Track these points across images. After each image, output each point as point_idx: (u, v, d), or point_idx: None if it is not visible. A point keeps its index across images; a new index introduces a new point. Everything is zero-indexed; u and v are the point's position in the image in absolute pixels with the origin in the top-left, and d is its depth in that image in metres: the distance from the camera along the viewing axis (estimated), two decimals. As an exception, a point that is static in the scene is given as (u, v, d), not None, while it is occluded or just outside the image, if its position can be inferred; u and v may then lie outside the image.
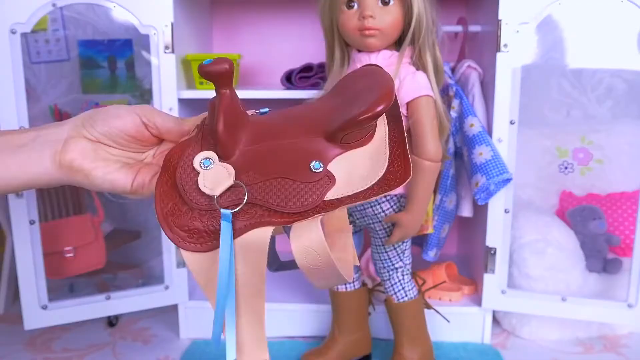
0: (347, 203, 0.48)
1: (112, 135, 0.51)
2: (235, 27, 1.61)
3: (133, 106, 0.53)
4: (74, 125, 0.51)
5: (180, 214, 0.48)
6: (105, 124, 0.51)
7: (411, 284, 1.15)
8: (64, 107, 1.51)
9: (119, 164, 0.52)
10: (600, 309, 1.23)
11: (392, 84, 0.50)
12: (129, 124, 0.52)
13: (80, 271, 1.33)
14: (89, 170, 0.50)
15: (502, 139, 1.19)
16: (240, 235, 0.47)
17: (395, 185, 0.50)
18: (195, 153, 0.49)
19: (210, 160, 0.48)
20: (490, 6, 1.21)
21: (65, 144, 0.50)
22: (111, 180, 0.51)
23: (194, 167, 0.48)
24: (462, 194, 1.35)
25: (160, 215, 0.48)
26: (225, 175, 0.48)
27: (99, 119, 0.51)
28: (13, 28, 1.09)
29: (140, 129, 0.52)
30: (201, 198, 0.48)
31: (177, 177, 0.49)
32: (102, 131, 0.51)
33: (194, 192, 0.48)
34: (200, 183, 0.47)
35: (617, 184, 1.39)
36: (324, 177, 0.48)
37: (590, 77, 1.43)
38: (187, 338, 1.36)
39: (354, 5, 0.99)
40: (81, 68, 1.53)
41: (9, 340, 1.35)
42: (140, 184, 0.51)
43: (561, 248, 1.28)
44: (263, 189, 0.48)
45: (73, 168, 0.50)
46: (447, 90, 1.28)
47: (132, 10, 1.15)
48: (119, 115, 0.52)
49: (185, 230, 0.48)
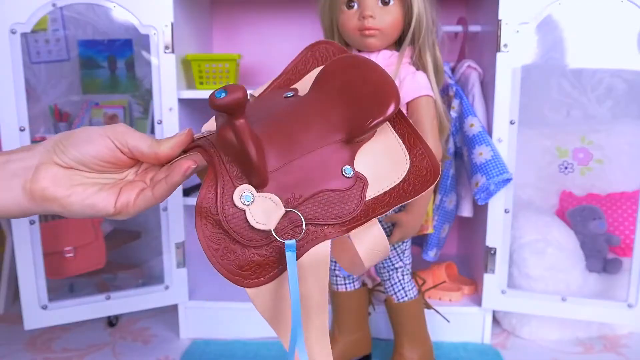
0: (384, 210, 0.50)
1: (85, 161, 0.48)
2: (235, 27, 1.61)
3: (105, 128, 0.49)
4: (45, 150, 0.48)
5: (235, 256, 0.47)
6: (77, 150, 0.48)
7: (411, 284, 1.15)
8: (64, 107, 1.52)
9: (96, 187, 0.48)
10: (600, 309, 1.23)
11: (391, 79, 0.51)
12: (103, 149, 0.48)
13: (80, 271, 1.33)
14: (64, 198, 0.47)
15: (502, 139, 1.19)
16: (301, 256, 0.47)
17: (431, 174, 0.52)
18: (229, 190, 0.46)
19: (249, 194, 0.46)
20: (490, 6, 1.21)
21: (36, 172, 0.47)
22: (90, 205, 0.48)
23: (237, 205, 0.46)
24: (462, 194, 1.35)
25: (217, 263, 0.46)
26: (272, 206, 0.47)
27: (70, 145, 0.48)
28: (13, 28, 1.09)
29: (115, 153, 0.49)
30: (255, 235, 0.46)
31: (222, 220, 0.46)
32: (74, 157, 0.48)
33: (246, 230, 0.46)
34: (251, 220, 0.46)
35: (617, 184, 1.39)
36: (356, 180, 0.50)
37: (590, 77, 1.43)
38: (187, 338, 1.36)
39: (354, 5, 0.99)
40: (81, 68, 1.53)
41: (9, 340, 1.35)
42: (124, 203, 0.49)
43: (561, 248, 1.28)
44: (309, 207, 0.48)
45: (46, 197, 0.47)
46: (447, 90, 1.28)
47: (132, 10, 1.15)
48: (91, 139, 0.48)
49: (245, 269, 0.47)
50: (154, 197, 0.50)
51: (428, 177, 0.52)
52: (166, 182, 0.49)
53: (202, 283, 1.41)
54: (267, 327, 1.33)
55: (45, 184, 0.47)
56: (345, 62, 0.53)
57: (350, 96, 0.51)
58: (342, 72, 0.53)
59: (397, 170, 0.51)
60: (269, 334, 1.34)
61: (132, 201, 0.49)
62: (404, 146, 0.53)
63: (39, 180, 0.47)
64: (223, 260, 0.46)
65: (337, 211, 0.48)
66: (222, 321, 1.34)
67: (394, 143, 0.53)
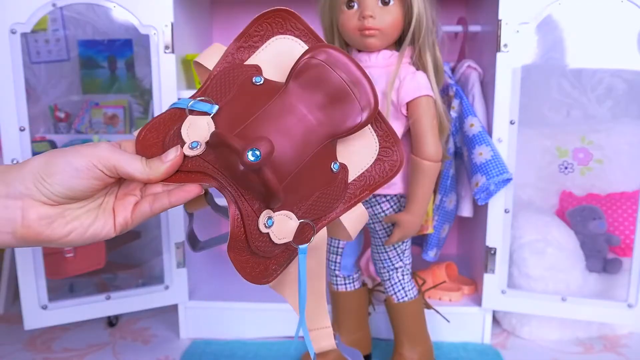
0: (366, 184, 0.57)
1: (74, 195, 0.46)
2: (235, 27, 1.61)
3: (89, 153, 0.45)
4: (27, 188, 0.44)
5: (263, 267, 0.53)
6: (64, 187, 0.45)
7: (411, 284, 1.15)
8: (64, 107, 1.52)
9: (91, 216, 0.47)
10: (600, 309, 1.23)
11: (370, 79, 0.54)
12: (92, 182, 0.46)
13: (80, 271, 1.33)
14: (64, 236, 0.46)
15: (502, 139, 1.19)
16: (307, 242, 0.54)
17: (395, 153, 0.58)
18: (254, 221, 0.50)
19: (271, 219, 0.51)
20: (490, 6, 1.21)
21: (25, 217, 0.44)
22: (92, 235, 0.47)
23: (261, 231, 0.51)
24: (462, 194, 1.35)
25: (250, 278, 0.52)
26: (289, 221, 0.52)
27: (56, 182, 0.44)
28: (13, 28, 1.09)
29: (104, 180, 0.47)
30: (277, 248, 0.53)
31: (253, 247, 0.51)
32: (62, 194, 0.45)
33: (270, 247, 0.52)
34: (275, 239, 0.52)
35: (617, 184, 1.39)
36: (342, 170, 0.55)
37: (590, 77, 1.43)
38: (187, 338, 1.36)
39: (354, 5, 0.99)
40: (81, 68, 1.53)
41: (9, 340, 1.35)
42: (122, 224, 0.48)
43: (561, 248, 1.28)
44: (312, 208, 0.54)
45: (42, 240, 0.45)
46: (447, 90, 1.28)
47: (132, 10, 1.15)
48: (78, 173, 0.45)
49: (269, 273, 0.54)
50: (152, 212, 0.50)
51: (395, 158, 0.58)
52: (169, 201, 0.50)
53: (202, 283, 1.41)
54: (267, 327, 1.33)
55: (39, 229, 0.44)
56: (326, 59, 0.53)
57: (334, 99, 0.53)
58: (324, 71, 0.53)
59: (369, 152, 0.57)
60: (269, 334, 1.34)
61: (129, 218, 0.49)
62: (372, 129, 0.57)
63: (30, 226, 0.44)
64: (254, 273, 0.52)
65: (331, 204, 0.55)
66: (222, 321, 1.34)
67: (368, 134, 0.57)
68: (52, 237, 0.45)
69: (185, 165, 0.50)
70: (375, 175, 0.57)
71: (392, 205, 1.09)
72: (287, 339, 1.34)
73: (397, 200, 1.09)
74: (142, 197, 0.51)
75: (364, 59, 1.03)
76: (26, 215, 0.44)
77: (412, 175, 1.03)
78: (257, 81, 0.54)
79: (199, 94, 0.55)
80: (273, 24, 0.58)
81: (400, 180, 1.07)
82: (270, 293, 1.36)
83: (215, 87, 0.55)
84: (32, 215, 0.44)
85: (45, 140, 1.42)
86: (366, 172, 0.57)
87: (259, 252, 0.52)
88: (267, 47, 0.58)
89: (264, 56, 0.58)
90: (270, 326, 1.32)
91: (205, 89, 0.55)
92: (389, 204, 1.09)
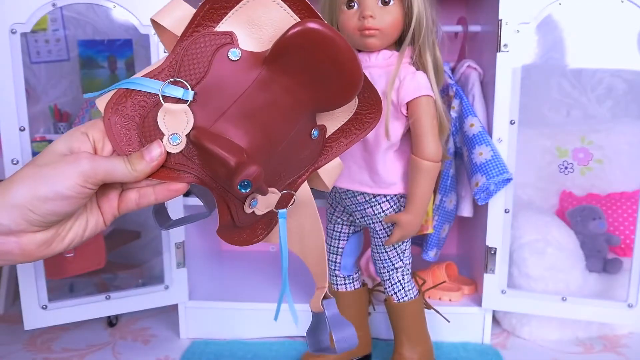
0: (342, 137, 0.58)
1: (65, 214, 0.45)
2: (235, 27, 1.61)
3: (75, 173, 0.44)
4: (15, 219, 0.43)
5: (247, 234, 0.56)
6: (55, 214, 0.44)
7: (411, 284, 1.15)
8: (64, 107, 1.52)
9: (83, 222, 0.48)
10: (600, 309, 1.23)
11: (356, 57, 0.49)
12: (81, 201, 0.45)
13: (80, 271, 1.33)
14: (64, 249, 0.47)
15: (502, 139, 1.19)
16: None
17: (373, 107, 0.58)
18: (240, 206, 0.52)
19: (255, 199, 0.53)
20: (490, 6, 1.21)
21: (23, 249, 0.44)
22: (88, 236, 0.49)
23: (247, 212, 0.53)
24: (462, 194, 1.35)
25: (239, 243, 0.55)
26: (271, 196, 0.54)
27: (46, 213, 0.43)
28: (13, 28, 1.09)
29: (92, 193, 0.46)
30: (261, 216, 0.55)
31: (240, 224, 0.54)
32: (54, 220, 0.45)
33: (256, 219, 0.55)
34: (258, 212, 0.54)
35: (617, 184, 1.39)
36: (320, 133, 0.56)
37: (590, 77, 1.44)
38: (187, 338, 1.36)
39: (354, 5, 0.99)
40: (81, 68, 1.53)
41: (9, 340, 1.35)
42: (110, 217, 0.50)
43: (561, 248, 1.28)
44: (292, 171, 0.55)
45: (44, 257, 0.46)
46: (447, 90, 1.28)
47: (132, 10, 1.15)
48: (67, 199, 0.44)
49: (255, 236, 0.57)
50: (137, 206, 0.51)
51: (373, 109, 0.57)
52: (155, 197, 0.50)
53: (202, 283, 1.41)
54: (267, 327, 1.33)
55: (40, 254, 0.45)
56: (311, 39, 0.47)
57: (319, 78, 0.49)
58: (309, 51, 0.48)
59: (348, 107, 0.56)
60: (269, 334, 1.34)
61: (116, 210, 0.50)
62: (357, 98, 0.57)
63: (31, 254, 0.45)
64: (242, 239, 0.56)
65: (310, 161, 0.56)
66: (222, 321, 1.34)
67: None
68: (55, 252, 0.46)
69: (169, 161, 0.47)
70: (352, 127, 0.58)
71: (392, 205, 1.09)
72: (287, 339, 1.34)
73: (397, 200, 1.09)
74: (123, 188, 0.51)
75: (364, 59, 1.03)
76: (23, 247, 0.44)
77: (412, 175, 1.03)
78: (233, 56, 0.48)
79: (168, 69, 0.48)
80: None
81: (400, 180, 1.07)
82: (270, 293, 1.37)
83: (184, 64, 0.48)
84: (31, 246, 0.44)
85: (45, 140, 1.42)
86: (344, 126, 0.57)
87: (244, 226, 0.54)
88: (244, 6, 0.49)
89: (239, 18, 0.49)
90: (270, 326, 1.32)
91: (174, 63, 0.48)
92: (389, 204, 1.09)
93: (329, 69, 0.49)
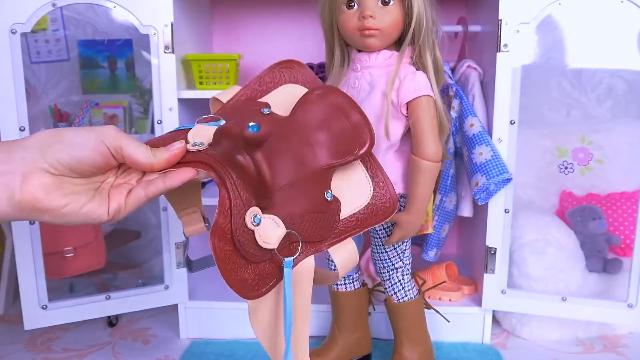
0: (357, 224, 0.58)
1: (78, 168, 0.46)
2: (235, 27, 1.61)
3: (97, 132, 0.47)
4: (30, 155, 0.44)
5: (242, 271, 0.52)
6: (69, 156, 0.45)
7: (411, 284, 1.15)
8: (64, 107, 1.52)
9: (89, 194, 0.47)
10: (600, 309, 1.23)
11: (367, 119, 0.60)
12: (97, 157, 0.46)
13: (80, 271, 1.33)
14: (59, 209, 0.45)
15: (502, 139, 1.19)
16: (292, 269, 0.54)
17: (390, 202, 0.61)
18: (242, 213, 0.51)
19: (258, 217, 0.52)
20: (490, 6, 1.21)
21: (25, 182, 0.44)
22: (85, 213, 0.47)
23: (248, 226, 0.51)
24: (462, 194, 1.35)
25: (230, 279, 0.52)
26: (275, 227, 0.53)
27: (62, 151, 0.45)
28: (13, 28, 1.09)
29: (108, 159, 0.47)
30: (260, 252, 0.52)
31: (236, 241, 0.51)
32: (66, 164, 0.45)
33: (253, 249, 0.52)
34: (259, 240, 0.52)
35: (617, 184, 1.39)
36: (334, 202, 0.57)
37: (590, 77, 1.44)
38: (187, 338, 1.36)
39: (354, 5, 0.99)
40: (81, 68, 1.53)
41: (9, 340, 1.35)
42: (116, 209, 0.48)
43: (561, 248, 1.28)
44: (302, 226, 0.54)
45: (38, 209, 0.45)
46: (447, 90, 1.28)
47: (132, 10, 1.15)
48: (85, 145, 0.46)
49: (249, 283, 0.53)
50: (146, 196, 0.50)
51: (388, 204, 0.61)
52: (164, 184, 0.50)
53: (202, 283, 1.41)
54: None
55: (38, 196, 0.44)
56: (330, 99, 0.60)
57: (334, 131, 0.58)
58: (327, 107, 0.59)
59: (363, 195, 0.60)
60: (269, 334, 1.34)
61: (123, 204, 0.49)
62: (368, 174, 0.61)
63: (29, 192, 0.44)
64: (234, 276, 0.52)
65: (320, 231, 0.55)
66: (222, 321, 1.34)
67: (359, 171, 0.61)
68: (49, 206, 0.45)
69: (186, 158, 0.52)
70: (367, 217, 0.59)
71: (392, 205, 1.09)
72: (287, 339, 1.34)
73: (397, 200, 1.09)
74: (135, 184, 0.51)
75: (364, 59, 1.03)
76: (26, 181, 0.44)
77: (412, 175, 1.03)
78: (265, 111, 0.57)
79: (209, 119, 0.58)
80: (284, 71, 0.65)
81: (401, 180, 1.07)
82: (270, 293, 1.37)
83: (226, 113, 0.58)
84: (34, 181, 0.44)
85: (45, 140, 1.41)
86: (358, 214, 0.59)
87: (241, 248, 0.51)
88: (278, 91, 0.64)
89: (273, 98, 0.63)
90: (270, 326, 1.32)
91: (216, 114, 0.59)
92: (389, 204, 1.08)
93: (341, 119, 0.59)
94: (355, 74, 1.04)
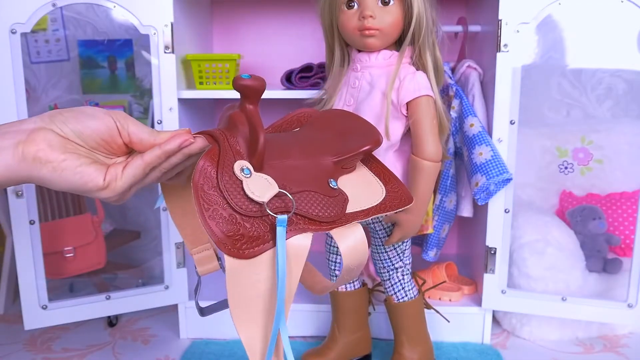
0: (362, 217, 0.56)
1: (84, 135, 0.48)
2: (235, 27, 1.61)
3: (107, 110, 0.50)
4: (41, 119, 0.48)
5: (223, 219, 0.47)
6: (78, 122, 0.48)
7: (411, 284, 1.15)
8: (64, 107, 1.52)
9: (89, 160, 0.48)
10: (600, 309, 1.23)
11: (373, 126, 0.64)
12: (103, 126, 0.49)
13: (80, 271, 1.33)
14: (58, 162, 0.46)
15: (502, 139, 1.19)
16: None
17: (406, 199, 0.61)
18: (230, 161, 0.49)
19: (249, 169, 0.49)
20: (490, 6, 1.21)
21: (31, 134, 0.46)
22: (82, 173, 0.47)
23: (236, 175, 0.48)
24: (462, 194, 1.35)
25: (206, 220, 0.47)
26: (267, 184, 0.49)
27: (71, 117, 0.48)
28: (13, 28, 1.09)
29: (114, 134, 0.49)
30: (249, 204, 0.48)
31: (220, 184, 0.47)
32: (74, 129, 0.48)
33: (241, 199, 0.48)
34: (247, 190, 0.48)
35: (617, 184, 1.39)
36: (340, 193, 0.55)
37: (590, 77, 1.44)
38: (187, 338, 1.36)
39: (354, 5, 0.99)
40: (81, 68, 1.53)
41: (9, 340, 1.35)
42: (113, 177, 0.48)
43: (561, 248, 1.28)
44: (299, 200, 0.51)
45: (39, 159, 0.46)
46: (447, 90, 1.28)
47: (132, 10, 1.15)
48: (95, 115, 0.49)
49: (229, 235, 0.47)
50: (144, 162, 0.49)
51: (404, 199, 0.61)
52: (160, 147, 0.49)
53: (203, 283, 1.41)
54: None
55: (41, 146, 0.46)
56: (336, 112, 0.65)
57: (341, 132, 0.61)
58: (335, 118, 0.64)
59: (375, 197, 0.59)
60: (269, 334, 1.34)
61: (119, 174, 0.48)
62: (380, 181, 0.61)
63: (34, 142, 0.46)
64: (212, 219, 0.47)
65: (319, 211, 0.51)
66: (222, 321, 1.34)
67: (370, 178, 0.61)
68: (49, 157, 0.46)
69: None
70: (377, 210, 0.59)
71: (392, 205, 1.09)
72: (287, 339, 1.34)
73: (397, 200, 1.09)
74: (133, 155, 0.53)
75: (364, 59, 1.03)
76: (34, 132, 0.46)
77: (412, 175, 1.03)
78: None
79: None
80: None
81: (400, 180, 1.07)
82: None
83: None
84: (39, 135, 0.46)
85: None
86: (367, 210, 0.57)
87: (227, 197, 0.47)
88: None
89: None
90: (270, 326, 1.32)
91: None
92: (389, 204, 1.09)
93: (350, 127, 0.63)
94: (355, 74, 1.04)
